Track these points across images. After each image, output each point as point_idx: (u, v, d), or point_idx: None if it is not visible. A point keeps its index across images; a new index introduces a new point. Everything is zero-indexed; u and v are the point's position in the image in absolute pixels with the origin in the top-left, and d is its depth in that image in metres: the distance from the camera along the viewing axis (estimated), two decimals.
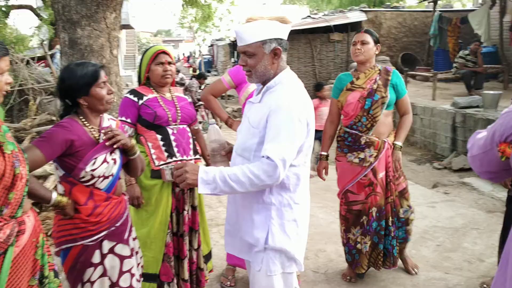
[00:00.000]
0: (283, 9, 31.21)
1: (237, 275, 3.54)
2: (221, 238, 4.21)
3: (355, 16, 16.20)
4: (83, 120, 2.19)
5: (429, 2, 15.19)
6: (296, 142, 1.91)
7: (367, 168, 3.25)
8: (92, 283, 2.20)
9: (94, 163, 2.12)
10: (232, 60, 27.60)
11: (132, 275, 2.33)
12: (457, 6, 25.06)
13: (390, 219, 3.31)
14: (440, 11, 14.75)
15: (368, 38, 3.23)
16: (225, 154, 2.26)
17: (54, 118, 5.67)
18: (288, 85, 2.03)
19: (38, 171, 4.22)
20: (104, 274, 2.22)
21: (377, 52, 3.29)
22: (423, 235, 4.36)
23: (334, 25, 15.75)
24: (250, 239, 2.04)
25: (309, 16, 20.42)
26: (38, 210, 3.81)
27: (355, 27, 15.26)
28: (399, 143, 3.32)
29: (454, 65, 10.95)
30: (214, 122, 2.25)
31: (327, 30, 15.94)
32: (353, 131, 3.28)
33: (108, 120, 2.33)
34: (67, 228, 2.16)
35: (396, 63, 14.15)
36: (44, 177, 4.54)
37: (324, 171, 3.50)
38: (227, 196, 2.18)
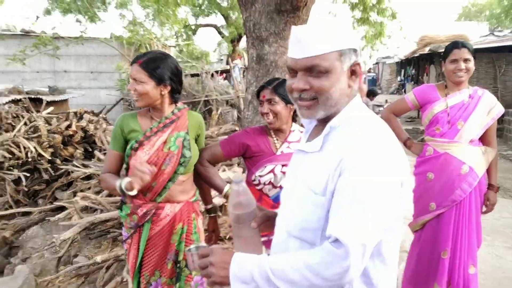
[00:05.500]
0: (459, 26, 29.00)
1: None
2: None
3: None
4: (271, 130, 2.42)
5: None
6: (386, 217, 1.22)
7: None
8: None
9: (262, 170, 2.35)
10: (399, 79, 26.54)
11: None
12: None
13: None
14: None
15: None
16: (257, 225, 1.51)
17: (237, 128, 6.11)
18: (367, 122, 1.34)
19: None
20: None
21: None
22: None
23: None
24: None
25: (491, 33, 18.60)
26: (220, 214, 4.07)
27: None
28: None
29: None
30: (240, 179, 1.50)
31: None
32: None
33: (299, 134, 2.46)
34: None
35: None
36: None
37: None
38: None
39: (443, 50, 3.08)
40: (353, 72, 1.34)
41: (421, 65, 20.43)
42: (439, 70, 15.21)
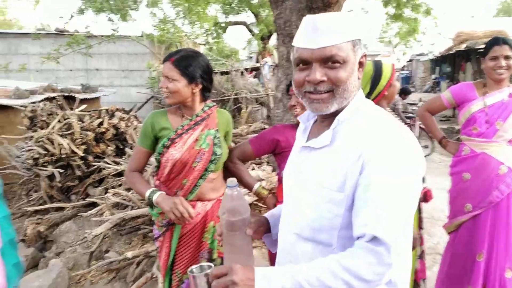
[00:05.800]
0: (497, 22, 28.10)
1: None
2: None
3: None
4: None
5: None
6: (412, 211, 1.20)
7: None
8: None
9: None
10: (433, 76, 25.95)
11: None
12: None
13: None
14: None
15: None
16: (252, 232, 1.42)
17: (266, 126, 6.11)
18: (375, 113, 1.31)
19: None
20: None
21: None
22: None
23: None
24: None
25: None
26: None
27: None
28: None
29: None
30: (235, 183, 1.41)
31: None
32: None
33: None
34: None
35: None
36: None
37: None
38: None
39: (480, 46, 2.98)
40: (360, 64, 1.31)
41: (457, 62, 19.94)
42: (476, 67, 14.80)
